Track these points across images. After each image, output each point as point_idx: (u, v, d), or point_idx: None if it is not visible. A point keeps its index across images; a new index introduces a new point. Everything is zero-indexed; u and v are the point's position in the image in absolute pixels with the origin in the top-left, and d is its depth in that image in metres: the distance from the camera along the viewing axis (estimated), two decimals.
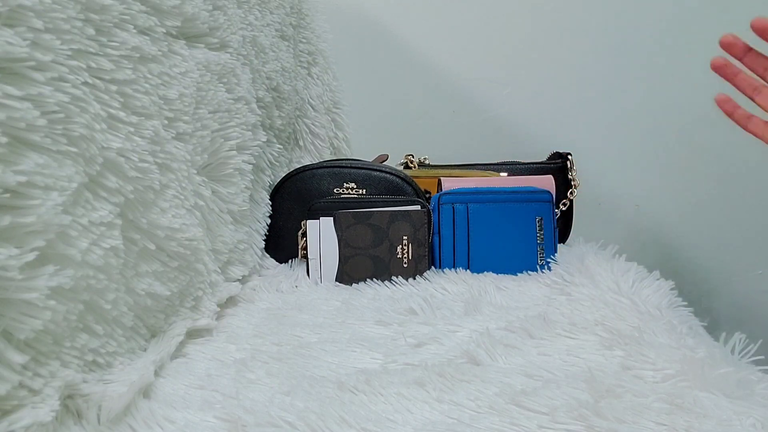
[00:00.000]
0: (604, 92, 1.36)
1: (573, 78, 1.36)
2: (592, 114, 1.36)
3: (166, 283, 0.50)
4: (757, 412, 0.35)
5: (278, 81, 0.84)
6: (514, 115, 1.35)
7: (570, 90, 1.36)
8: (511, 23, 1.35)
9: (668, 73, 1.34)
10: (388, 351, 0.49)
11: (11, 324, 0.33)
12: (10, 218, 0.33)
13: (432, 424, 0.37)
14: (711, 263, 1.33)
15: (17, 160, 0.34)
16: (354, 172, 0.79)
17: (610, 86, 1.35)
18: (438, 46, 1.36)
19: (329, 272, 0.72)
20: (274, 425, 0.36)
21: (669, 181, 1.37)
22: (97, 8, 0.44)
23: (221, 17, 0.65)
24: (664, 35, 1.32)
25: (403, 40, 1.36)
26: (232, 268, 0.66)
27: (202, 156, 0.60)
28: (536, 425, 0.35)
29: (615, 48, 1.34)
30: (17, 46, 0.35)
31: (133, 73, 0.48)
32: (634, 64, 1.34)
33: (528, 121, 1.35)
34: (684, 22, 1.32)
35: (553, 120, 1.36)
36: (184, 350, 0.51)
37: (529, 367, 0.43)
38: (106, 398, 0.37)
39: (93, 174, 0.42)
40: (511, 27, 1.35)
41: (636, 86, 1.35)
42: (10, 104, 0.34)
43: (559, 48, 1.35)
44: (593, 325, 0.51)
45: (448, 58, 1.36)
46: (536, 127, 1.36)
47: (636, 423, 0.35)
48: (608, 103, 1.36)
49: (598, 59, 1.35)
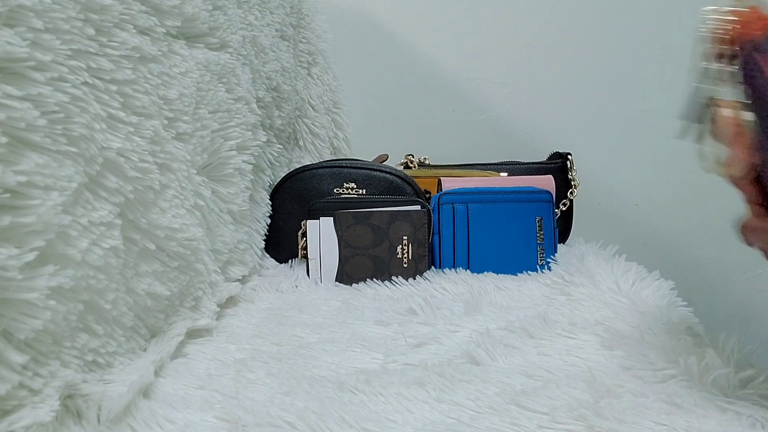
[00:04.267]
0: (604, 92, 1.36)
1: (573, 78, 1.36)
2: (592, 114, 1.36)
3: (166, 283, 0.50)
4: (757, 412, 0.35)
5: (278, 81, 0.84)
6: (514, 115, 1.35)
7: (570, 90, 1.36)
8: (512, 23, 1.35)
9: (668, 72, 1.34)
10: (388, 351, 0.49)
11: (11, 324, 0.33)
12: (10, 218, 0.33)
13: (432, 424, 0.37)
14: (711, 263, 1.33)
15: (17, 160, 0.34)
16: (354, 172, 0.79)
17: (610, 86, 1.35)
18: (438, 46, 1.36)
19: (329, 272, 0.72)
20: (274, 425, 0.36)
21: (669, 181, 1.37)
22: (97, 8, 0.44)
23: (221, 17, 0.65)
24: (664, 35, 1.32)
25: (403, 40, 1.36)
26: (232, 268, 0.66)
27: (202, 156, 0.60)
28: (536, 425, 0.35)
29: (615, 48, 1.34)
30: (17, 46, 0.35)
31: (133, 73, 0.48)
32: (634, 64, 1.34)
33: (528, 121, 1.35)
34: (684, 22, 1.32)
35: (553, 120, 1.36)
36: (184, 350, 0.51)
37: (529, 367, 0.43)
38: (106, 398, 0.37)
39: (93, 174, 0.42)
40: (511, 27, 1.35)
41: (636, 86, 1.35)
42: (10, 104, 0.34)
43: (559, 48, 1.35)
44: (593, 325, 0.51)
45: (448, 58, 1.36)
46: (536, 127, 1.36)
47: (636, 423, 0.34)
48: (608, 103, 1.36)
49: (598, 59, 1.35)
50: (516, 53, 1.35)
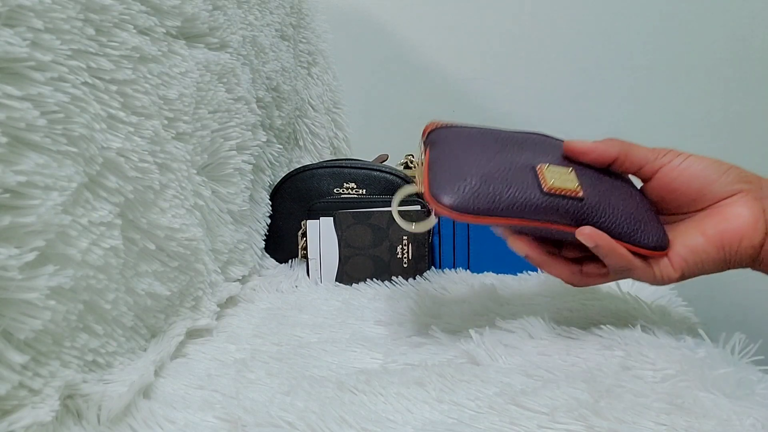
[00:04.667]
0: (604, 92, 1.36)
1: (573, 78, 1.36)
2: (592, 114, 1.36)
3: (166, 283, 0.50)
4: (757, 412, 0.35)
5: (278, 81, 0.84)
6: (514, 115, 1.35)
7: (570, 90, 1.36)
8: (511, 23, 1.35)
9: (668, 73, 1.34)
10: (388, 351, 0.49)
11: (11, 324, 0.33)
12: (10, 218, 0.33)
13: (432, 424, 0.37)
14: None
15: (17, 160, 0.34)
16: (354, 172, 0.79)
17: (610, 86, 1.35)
18: (438, 46, 1.36)
19: (329, 272, 0.72)
20: (274, 425, 0.36)
21: None
22: (97, 8, 0.44)
23: (221, 17, 0.65)
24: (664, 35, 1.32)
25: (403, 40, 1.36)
26: (232, 268, 0.66)
27: (202, 156, 0.60)
28: (536, 425, 0.35)
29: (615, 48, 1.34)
30: (17, 46, 0.35)
31: (133, 73, 0.48)
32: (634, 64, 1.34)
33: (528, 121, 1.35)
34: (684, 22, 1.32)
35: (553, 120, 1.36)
36: (184, 350, 0.51)
37: (529, 367, 0.43)
38: (106, 398, 0.37)
39: (93, 174, 0.42)
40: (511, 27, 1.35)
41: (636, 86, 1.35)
42: (10, 104, 0.34)
43: (558, 48, 1.35)
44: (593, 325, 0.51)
45: (448, 58, 1.36)
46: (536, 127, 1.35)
47: (636, 423, 0.34)
48: (608, 103, 1.36)
49: (598, 59, 1.35)
50: (516, 53, 1.35)
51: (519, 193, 0.43)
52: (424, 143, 0.48)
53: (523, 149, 0.47)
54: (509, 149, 0.47)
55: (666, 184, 0.46)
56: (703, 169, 0.45)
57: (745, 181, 0.45)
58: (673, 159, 0.46)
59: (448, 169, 0.44)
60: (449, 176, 0.44)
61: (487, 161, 0.45)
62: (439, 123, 0.50)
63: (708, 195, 0.45)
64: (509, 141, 0.48)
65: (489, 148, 0.46)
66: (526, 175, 0.44)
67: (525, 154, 0.47)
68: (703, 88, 1.33)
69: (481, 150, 0.46)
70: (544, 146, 0.49)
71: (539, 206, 0.43)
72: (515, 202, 0.43)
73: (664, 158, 0.46)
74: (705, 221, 0.45)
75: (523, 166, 0.45)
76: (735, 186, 0.44)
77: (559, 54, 1.35)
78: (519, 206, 0.43)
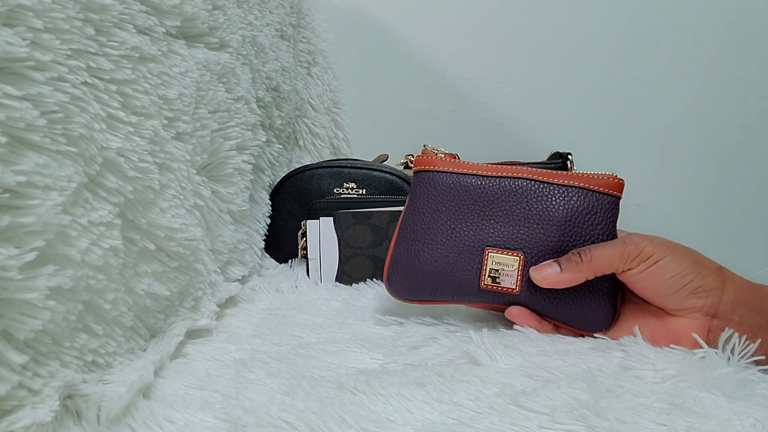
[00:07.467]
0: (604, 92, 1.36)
1: (573, 78, 1.36)
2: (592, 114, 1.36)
3: (166, 283, 0.50)
4: (757, 412, 0.35)
5: (278, 81, 0.84)
6: (514, 115, 1.35)
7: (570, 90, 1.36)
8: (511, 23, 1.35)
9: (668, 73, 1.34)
10: (388, 351, 0.49)
11: (11, 324, 0.33)
12: (9, 218, 0.33)
13: (432, 424, 0.37)
14: None
15: (17, 160, 0.34)
16: (354, 172, 0.79)
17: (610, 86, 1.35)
18: (438, 46, 1.36)
19: (329, 272, 0.72)
20: (273, 425, 0.36)
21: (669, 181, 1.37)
22: (96, 8, 0.44)
23: (221, 17, 0.65)
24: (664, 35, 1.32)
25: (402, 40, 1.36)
26: (232, 268, 0.66)
27: (202, 156, 0.60)
28: (536, 425, 0.35)
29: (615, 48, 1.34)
30: (17, 46, 0.35)
31: (133, 73, 0.48)
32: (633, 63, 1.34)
33: (528, 121, 1.35)
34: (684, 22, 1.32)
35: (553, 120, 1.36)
36: (184, 350, 0.51)
37: (529, 367, 0.43)
38: (106, 398, 0.37)
39: (92, 174, 0.41)
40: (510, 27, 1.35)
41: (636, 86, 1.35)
42: (10, 104, 0.34)
43: (558, 48, 1.35)
44: None
45: (448, 58, 1.36)
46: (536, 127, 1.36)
47: (636, 423, 0.34)
48: (608, 103, 1.36)
49: (597, 59, 1.35)
50: (516, 53, 1.36)
51: (457, 285, 0.51)
52: (409, 183, 0.52)
53: (491, 214, 0.51)
54: (475, 218, 0.51)
55: (627, 282, 0.48)
56: (662, 282, 0.46)
57: (704, 294, 0.45)
58: (637, 266, 0.46)
59: (405, 259, 0.52)
60: (403, 269, 0.52)
61: (444, 240, 0.51)
62: (429, 161, 0.54)
63: (660, 305, 0.47)
64: (485, 200, 0.51)
65: (456, 218, 0.52)
66: (474, 260, 0.50)
67: (488, 223, 0.51)
68: (703, 88, 1.33)
69: (446, 220, 0.52)
70: (519, 201, 0.51)
71: (473, 296, 0.51)
72: (453, 294, 0.51)
73: (631, 263, 0.46)
74: (658, 320, 0.47)
75: (474, 248, 0.51)
76: (688, 303, 0.45)
77: (559, 54, 1.35)
78: (456, 295, 0.52)
